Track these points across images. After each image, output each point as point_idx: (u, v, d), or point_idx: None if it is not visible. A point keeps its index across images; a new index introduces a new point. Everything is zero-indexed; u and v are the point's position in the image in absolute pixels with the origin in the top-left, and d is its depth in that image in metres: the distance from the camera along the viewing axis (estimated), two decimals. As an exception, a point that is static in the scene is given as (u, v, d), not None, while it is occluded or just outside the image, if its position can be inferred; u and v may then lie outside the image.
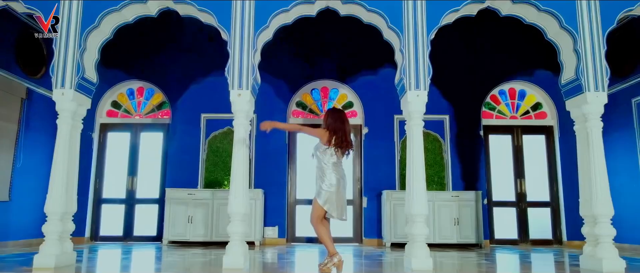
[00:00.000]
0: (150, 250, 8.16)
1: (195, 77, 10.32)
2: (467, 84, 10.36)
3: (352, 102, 10.46)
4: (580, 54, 5.92)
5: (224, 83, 6.00)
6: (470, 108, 10.31)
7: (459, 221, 9.26)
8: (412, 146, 5.79)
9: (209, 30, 9.91)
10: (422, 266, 5.39)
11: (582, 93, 5.86)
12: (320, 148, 5.64)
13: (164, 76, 10.37)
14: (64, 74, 5.87)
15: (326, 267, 5.45)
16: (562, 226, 10.01)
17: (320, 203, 5.50)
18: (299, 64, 10.45)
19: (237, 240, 5.55)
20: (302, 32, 10.20)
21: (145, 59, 10.40)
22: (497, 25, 9.28)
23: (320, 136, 5.67)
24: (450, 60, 10.19)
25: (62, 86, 5.84)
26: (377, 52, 9.25)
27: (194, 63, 10.34)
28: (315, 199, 5.59)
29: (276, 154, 10.09)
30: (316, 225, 5.58)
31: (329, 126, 5.68)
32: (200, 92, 10.25)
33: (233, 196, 5.64)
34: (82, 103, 6.03)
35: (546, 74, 10.32)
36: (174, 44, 10.42)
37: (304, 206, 9.89)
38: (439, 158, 10.09)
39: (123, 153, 10.38)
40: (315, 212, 5.58)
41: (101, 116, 10.37)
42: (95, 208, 10.06)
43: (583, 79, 5.86)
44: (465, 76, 10.39)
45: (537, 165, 10.40)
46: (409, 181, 5.76)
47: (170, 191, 9.40)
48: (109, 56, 8.42)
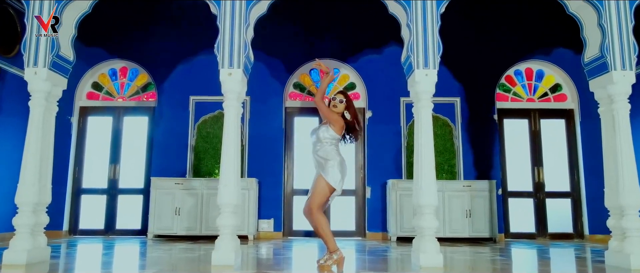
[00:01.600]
0: (133, 245, 8.12)
1: (184, 56, 10.23)
2: (479, 64, 10.26)
3: (354, 83, 10.39)
4: (606, 30, 5.83)
5: (215, 63, 5.88)
6: (483, 90, 10.23)
7: (471, 213, 9.20)
8: (421, 130, 5.68)
9: (198, 4, 9.78)
10: (432, 262, 5.30)
11: (608, 72, 5.78)
12: (328, 132, 5.51)
13: (149, 55, 10.28)
14: (37, 51, 5.78)
15: (326, 265, 5.32)
16: (584, 218, 9.94)
17: (333, 181, 5.33)
18: (296, 42, 10.35)
19: (227, 234, 5.46)
20: (300, 6, 10.09)
21: (129, 36, 10.30)
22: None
23: (335, 123, 5.52)
24: (461, 37, 10.05)
25: (35, 65, 5.75)
26: (382, 28, 9.14)
27: (182, 41, 10.25)
28: (321, 179, 5.40)
29: (272, 140, 10.02)
30: (317, 214, 5.36)
31: (353, 115, 5.66)
32: (189, 73, 10.18)
33: (223, 185, 5.54)
34: (57, 83, 5.94)
35: (566, 53, 10.23)
36: (160, 19, 10.30)
37: (303, 197, 9.65)
38: (449, 144, 10.02)
39: (105, 139, 10.30)
40: (318, 197, 5.38)
41: (81, 99, 10.30)
42: (74, 199, 10.00)
43: (608, 56, 5.78)
44: (477, 55, 10.28)
45: (556, 152, 10.32)
46: (417, 169, 5.67)
47: (156, 181, 9.34)
48: (89, 32, 8.35)
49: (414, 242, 5.67)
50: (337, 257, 5.35)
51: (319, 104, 5.60)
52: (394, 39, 9.50)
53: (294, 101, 10.34)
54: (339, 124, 5.52)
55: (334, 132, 5.49)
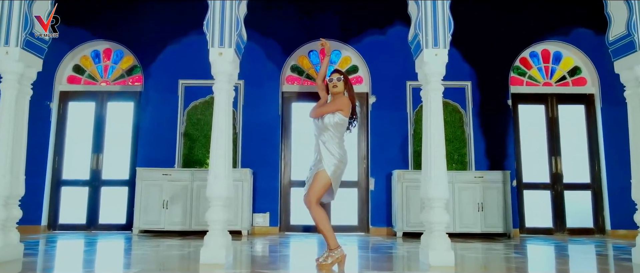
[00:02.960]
0: (118, 241, 8.04)
1: (173, 36, 10.12)
2: (492, 45, 10.16)
3: (356, 66, 10.28)
4: (633, 5, 5.73)
5: (206, 44, 5.78)
6: (496, 73, 10.12)
7: (483, 206, 9.09)
8: (430, 116, 5.55)
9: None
10: (442, 261, 5.18)
11: (635, 52, 5.70)
12: (335, 116, 5.33)
13: (135, 36, 10.17)
14: (9, 29, 5.72)
15: (326, 264, 5.13)
16: (606, 212, 9.83)
17: (329, 173, 5.17)
18: (294, 21, 10.24)
19: (217, 230, 5.34)
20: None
21: (114, 15, 10.17)
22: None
23: (343, 109, 5.34)
24: (472, 16, 9.96)
25: (6, 44, 5.68)
26: (387, 6, 9.10)
27: (170, 20, 10.14)
28: (321, 172, 5.22)
29: (267, 127, 9.92)
30: (316, 206, 5.21)
31: (352, 97, 5.51)
32: (178, 55, 10.07)
33: (213, 176, 5.41)
34: (31, 63, 5.86)
35: (586, 33, 10.16)
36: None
37: (301, 189, 9.49)
38: (459, 131, 9.91)
39: (87, 126, 10.18)
40: (317, 189, 5.21)
41: (61, 83, 10.18)
42: (54, 191, 9.87)
43: (636, 34, 5.69)
44: (490, 35, 10.19)
45: (575, 140, 10.25)
46: (426, 159, 5.56)
47: (142, 172, 9.23)
48: (70, 10, 8.21)
49: (423, 238, 5.58)
50: (337, 255, 5.17)
51: (321, 90, 5.55)
52: (400, 18, 9.52)
53: (291, 85, 10.23)
54: (346, 106, 5.35)
55: (341, 115, 5.32)
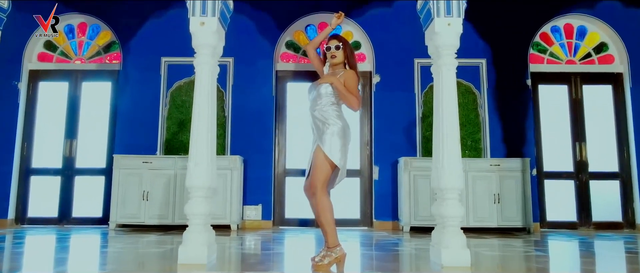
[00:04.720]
0: (93, 236, 7.96)
1: (154, 9, 10.12)
2: (510, 19, 10.14)
3: (359, 42, 10.26)
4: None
5: (191, 17, 5.68)
6: (513, 50, 10.08)
7: (499, 198, 8.99)
8: (442, 95, 5.25)
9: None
10: (457, 260, 4.90)
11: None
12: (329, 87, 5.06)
13: (113, 8, 10.12)
14: None
15: (323, 264, 4.81)
16: (636, 204, 9.78)
17: (330, 151, 4.86)
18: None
19: (198, 225, 5.04)
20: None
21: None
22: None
23: (353, 86, 5.05)
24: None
25: None
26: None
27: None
28: (319, 150, 4.93)
29: (260, 110, 9.92)
30: (322, 195, 4.92)
31: (353, 66, 5.30)
32: (160, 30, 10.09)
33: (193, 163, 5.11)
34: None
35: (614, 6, 10.15)
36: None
37: (297, 178, 9.70)
38: (473, 115, 9.83)
39: (59, 108, 10.18)
40: (321, 170, 4.91)
41: (30, 61, 10.21)
42: (22, 181, 9.89)
43: None
44: (507, 7, 10.14)
45: (602, 125, 10.22)
46: (437, 144, 5.28)
47: (120, 159, 9.17)
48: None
49: (433, 234, 5.34)
50: (336, 254, 4.85)
51: (314, 60, 5.33)
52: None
53: (286, 63, 10.23)
54: (356, 82, 5.07)
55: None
